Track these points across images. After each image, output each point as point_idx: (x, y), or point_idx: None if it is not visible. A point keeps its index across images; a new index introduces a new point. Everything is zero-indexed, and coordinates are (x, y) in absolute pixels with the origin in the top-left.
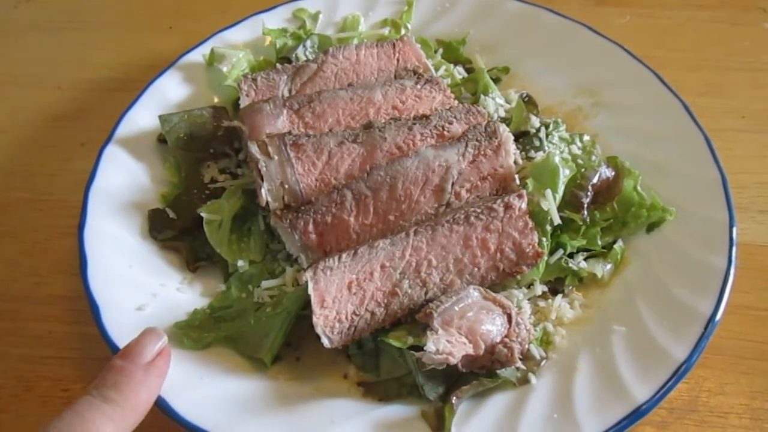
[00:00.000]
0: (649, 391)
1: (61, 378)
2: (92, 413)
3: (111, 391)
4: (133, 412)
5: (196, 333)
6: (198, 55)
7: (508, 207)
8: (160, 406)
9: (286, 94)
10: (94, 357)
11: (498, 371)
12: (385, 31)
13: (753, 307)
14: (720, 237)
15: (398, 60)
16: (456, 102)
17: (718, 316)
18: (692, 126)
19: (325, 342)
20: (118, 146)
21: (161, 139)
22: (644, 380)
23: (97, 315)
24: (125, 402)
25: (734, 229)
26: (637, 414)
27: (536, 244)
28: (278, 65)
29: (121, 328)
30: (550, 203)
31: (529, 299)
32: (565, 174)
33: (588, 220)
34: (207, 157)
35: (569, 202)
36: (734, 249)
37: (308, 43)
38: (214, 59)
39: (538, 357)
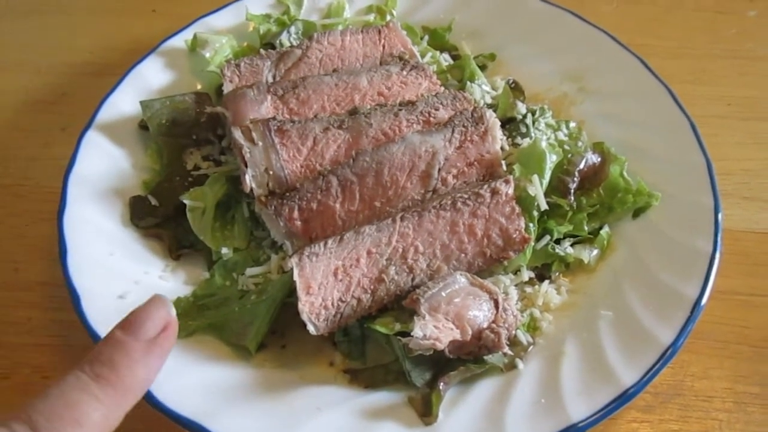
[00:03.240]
0: (636, 375)
1: (41, 365)
2: (80, 394)
3: (105, 369)
4: (126, 394)
5: (180, 321)
6: (180, 41)
7: (494, 193)
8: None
9: (270, 79)
10: (74, 344)
11: (485, 357)
12: (371, 17)
13: (737, 292)
14: (705, 222)
15: (384, 46)
16: (442, 88)
17: (704, 300)
18: (678, 112)
19: (311, 329)
20: (99, 132)
21: (143, 125)
22: (631, 364)
23: (77, 303)
24: (119, 382)
25: (720, 215)
26: (624, 398)
27: (523, 230)
28: (262, 51)
29: (101, 316)
30: (537, 189)
31: (516, 285)
32: (551, 160)
33: (575, 205)
34: (190, 143)
35: (556, 188)
36: (720, 234)
37: (292, 29)
38: (196, 45)
39: (525, 342)
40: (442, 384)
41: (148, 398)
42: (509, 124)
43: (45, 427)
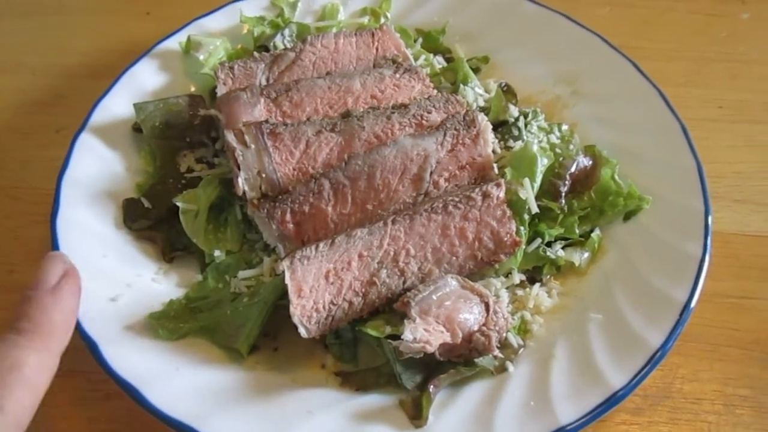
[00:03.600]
0: (625, 377)
1: None
2: (9, 349)
3: (23, 322)
4: (51, 336)
5: (172, 323)
6: (174, 43)
7: (486, 196)
8: (135, 397)
9: (264, 82)
10: (66, 347)
11: (476, 360)
12: (364, 20)
13: (727, 294)
14: (696, 225)
15: (377, 49)
16: (435, 91)
17: (693, 303)
18: (669, 115)
19: (303, 332)
20: (92, 135)
21: (136, 128)
22: (620, 367)
23: None
24: (39, 328)
25: (710, 217)
26: (613, 400)
27: (514, 233)
28: (256, 53)
29: (94, 319)
30: (528, 192)
31: (507, 288)
32: (543, 163)
33: (566, 208)
34: (183, 146)
35: (547, 191)
36: (710, 237)
37: (286, 31)
38: (190, 47)
39: (515, 345)
40: (432, 387)
41: (140, 401)
42: (501, 127)
43: None
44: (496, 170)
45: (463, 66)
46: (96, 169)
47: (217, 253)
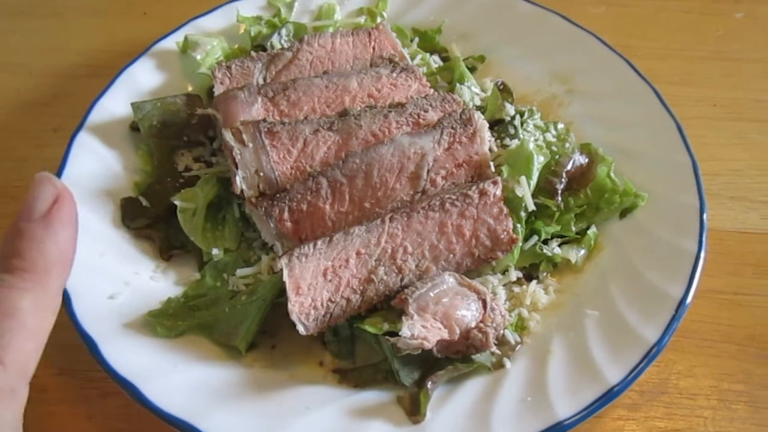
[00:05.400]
0: (622, 373)
1: None
2: (1, 293)
3: (13, 260)
4: (47, 273)
5: (170, 321)
6: (171, 43)
7: (483, 193)
8: (133, 394)
9: (261, 81)
10: (64, 345)
11: (473, 356)
12: (361, 19)
13: (722, 291)
14: (691, 222)
15: (374, 48)
16: (432, 90)
17: (689, 299)
18: (664, 113)
19: (301, 329)
20: (90, 134)
21: (134, 127)
22: (617, 363)
23: (68, 303)
24: (33, 266)
25: (705, 215)
26: (609, 396)
27: (511, 230)
28: (253, 53)
29: (92, 317)
30: (525, 190)
31: (504, 285)
32: (539, 161)
33: (562, 206)
34: (181, 145)
35: (544, 189)
36: (705, 233)
37: (283, 31)
38: (187, 47)
39: (512, 342)
40: (430, 383)
41: (138, 397)
42: (498, 125)
43: None
44: (492, 168)
45: (460, 65)
46: (94, 169)
47: (215, 251)
